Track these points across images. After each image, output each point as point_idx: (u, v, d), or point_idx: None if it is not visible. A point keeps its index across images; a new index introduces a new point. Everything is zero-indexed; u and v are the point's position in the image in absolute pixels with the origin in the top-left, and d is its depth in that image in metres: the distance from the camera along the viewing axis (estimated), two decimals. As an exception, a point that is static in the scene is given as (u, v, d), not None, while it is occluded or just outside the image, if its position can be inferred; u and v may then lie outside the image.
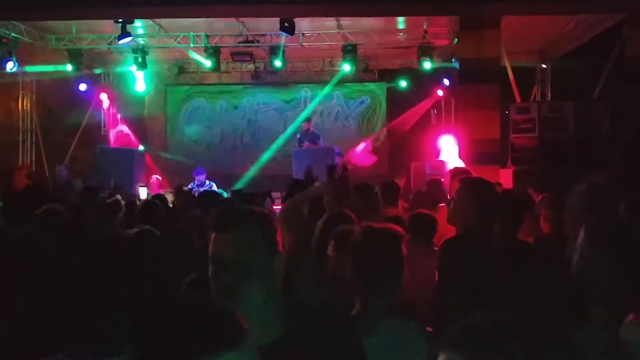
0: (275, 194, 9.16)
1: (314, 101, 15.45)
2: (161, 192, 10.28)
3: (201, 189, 11.25)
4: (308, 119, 13.28)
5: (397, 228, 2.51)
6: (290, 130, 14.85)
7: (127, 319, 1.89)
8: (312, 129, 13.12)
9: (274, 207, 6.72)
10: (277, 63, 13.14)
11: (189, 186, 11.86)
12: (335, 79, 14.94)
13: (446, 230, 4.24)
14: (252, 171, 14.56)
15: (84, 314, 1.93)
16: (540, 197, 5.21)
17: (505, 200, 3.80)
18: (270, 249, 1.81)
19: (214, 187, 11.77)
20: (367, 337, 1.99)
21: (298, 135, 13.10)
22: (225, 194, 10.13)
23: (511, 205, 3.76)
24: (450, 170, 6.63)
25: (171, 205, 7.68)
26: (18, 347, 2.37)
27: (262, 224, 1.82)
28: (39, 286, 2.95)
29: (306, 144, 12.70)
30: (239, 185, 12.79)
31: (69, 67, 13.25)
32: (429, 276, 3.45)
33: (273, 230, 1.85)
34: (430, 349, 2.27)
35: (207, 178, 12.49)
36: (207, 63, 13.27)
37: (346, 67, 13.35)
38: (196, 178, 12.35)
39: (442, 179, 7.37)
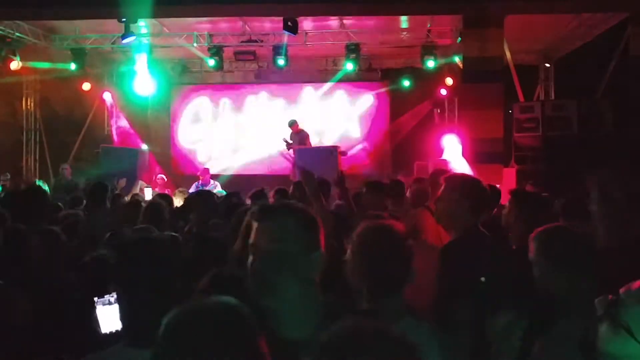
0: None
1: (313, 100, 15.44)
2: (167, 191, 10.31)
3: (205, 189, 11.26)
4: (294, 121, 13.17)
5: (399, 225, 2.48)
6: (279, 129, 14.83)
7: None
8: (299, 129, 13.05)
9: None
10: (280, 62, 13.15)
11: (194, 186, 11.88)
12: (336, 77, 14.93)
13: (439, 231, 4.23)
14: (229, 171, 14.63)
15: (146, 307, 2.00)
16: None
17: (523, 202, 3.78)
18: (308, 245, 1.80)
19: (219, 187, 11.79)
20: None
21: (285, 139, 12.84)
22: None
23: (529, 207, 3.73)
24: (431, 173, 6.58)
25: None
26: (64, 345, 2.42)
27: (302, 218, 1.82)
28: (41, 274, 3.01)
29: (296, 145, 12.61)
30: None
31: (72, 67, 13.28)
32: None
33: (314, 227, 1.84)
34: (442, 351, 2.26)
35: (212, 178, 12.52)
36: (211, 62, 13.30)
37: (349, 66, 13.36)
38: (201, 178, 12.38)
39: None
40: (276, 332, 1.71)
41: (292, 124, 13.04)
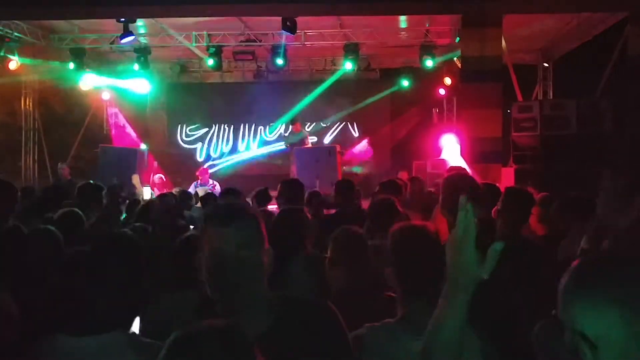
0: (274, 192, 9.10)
1: (306, 100, 15.46)
2: (165, 191, 10.29)
3: (204, 188, 11.29)
4: (295, 120, 13.24)
5: (430, 225, 2.46)
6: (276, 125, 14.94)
7: (119, 302, 2.12)
8: (300, 128, 13.09)
9: (269, 206, 6.55)
10: (279, 62, 13.15)
11: (192, 186, 11.89)
12: (334, 77, 14.94)
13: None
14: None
15: (82, 298, 2.09)
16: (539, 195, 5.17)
17: (508, 198, 3.78)
18: (262, 245, 1.88)
19: (217, 187, 11.79)
20: (418, 340, 1.96)
21: (284, 134, 12.99)
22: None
23: (514, 202, 3.72)
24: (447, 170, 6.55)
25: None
26: (21, 329, 2.47)
27: (256, 219, 1.90)
28: (38, 274, 3.05)
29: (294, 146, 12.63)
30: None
31: (71, 66, 13.28)
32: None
33: (262, 227, 1.91)
34: (483, 346, 2.20)
35: (210, 177, 12.52)
36: (210, 62, 13.30)
37: (348, 66, 13.35)
38: (199, 177, 12.38)
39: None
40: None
41: (294, 123, 13.09)
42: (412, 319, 2.22)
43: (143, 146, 14.16)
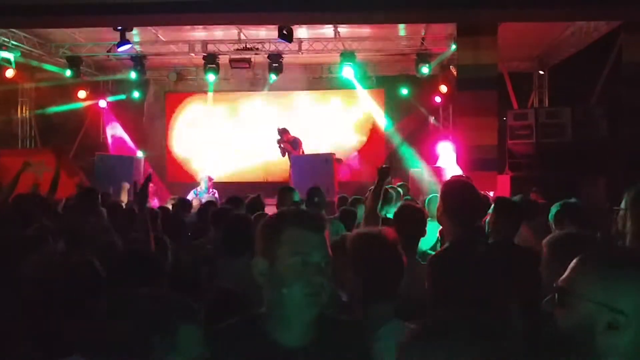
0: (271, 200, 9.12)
1: (309, 108, 15.53)
2: (155, 200, 10.28)
3: (204, 196, 11.28)
4: (285, 129, 13.37)
5: (391, 231, 2.51)
6: None
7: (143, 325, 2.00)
8: (292, 136, 13.17)
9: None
10: (275, 70, 13.19)
11: (191, 193, 11.87)
12: (335, 87, 15.00)
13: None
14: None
15: (100, 318, 2.02)
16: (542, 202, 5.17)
17: (497, 209, 3.79)
18: None
19: (217, 195, 11.78)
20: (377, 341, 2.00)
21: (280, 142, 13.11)
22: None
23: (503, 212, 3.73)
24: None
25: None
26: (34, 348, 2.43)
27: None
28: (52, 289, 3.01)
29: (282, 147, 12.80)
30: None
31: (68, 74, 13.29)
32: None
33: None
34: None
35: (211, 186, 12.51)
36: (206, 70, 13.32)
37: (344, 73, 13.38)
38: (199, 185, 12.37)
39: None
40: (276, 339, 1.72)
41: (289, 130, 13.18)
42: (369, 320, 2.27)
43: (140, 154, 14.17)
